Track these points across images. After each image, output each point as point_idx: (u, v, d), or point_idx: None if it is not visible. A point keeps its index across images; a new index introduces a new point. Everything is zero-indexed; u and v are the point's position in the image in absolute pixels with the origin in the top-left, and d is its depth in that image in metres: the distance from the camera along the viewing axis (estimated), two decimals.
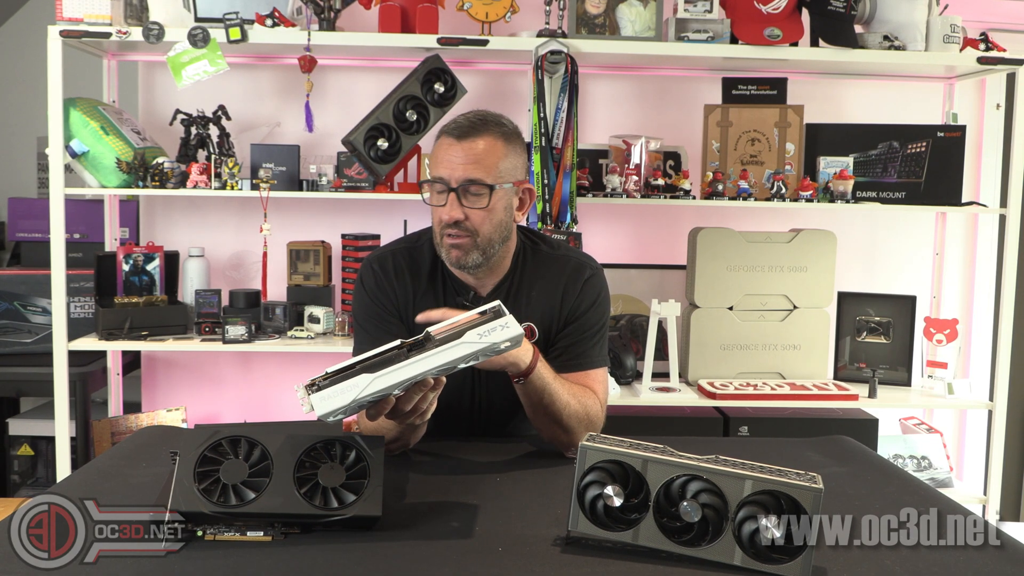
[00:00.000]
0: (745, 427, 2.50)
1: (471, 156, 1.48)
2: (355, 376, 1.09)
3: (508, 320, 1.15)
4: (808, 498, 0.99)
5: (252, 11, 2.38)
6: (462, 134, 1.50)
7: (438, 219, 1.52)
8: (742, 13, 2.48)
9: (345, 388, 1.08)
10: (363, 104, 2.53)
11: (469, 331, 1.13)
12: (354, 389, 1.08)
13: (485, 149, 1.49)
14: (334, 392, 1.08)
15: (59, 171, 2.37)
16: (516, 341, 1.15)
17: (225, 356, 2.84)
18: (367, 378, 1.09)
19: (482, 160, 1.49)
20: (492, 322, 1.14)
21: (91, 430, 2.58)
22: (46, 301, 2.60)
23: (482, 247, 1.51)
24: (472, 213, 1.48)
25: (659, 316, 2.46)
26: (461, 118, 1.53)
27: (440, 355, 1.11)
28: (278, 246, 2.66)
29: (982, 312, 3.01)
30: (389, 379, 1.09)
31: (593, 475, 1.05)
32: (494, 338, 1.12)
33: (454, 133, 1.50)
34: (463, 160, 1.48)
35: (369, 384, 1.08)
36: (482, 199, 1.49)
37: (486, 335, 1.12)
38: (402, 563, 1.01)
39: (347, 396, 1.08)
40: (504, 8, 2.41)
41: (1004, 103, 2.94)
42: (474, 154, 1.48)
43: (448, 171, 1.49)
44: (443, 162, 1.50)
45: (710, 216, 2.81)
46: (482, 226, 1.49)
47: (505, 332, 1.13)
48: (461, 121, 1.52)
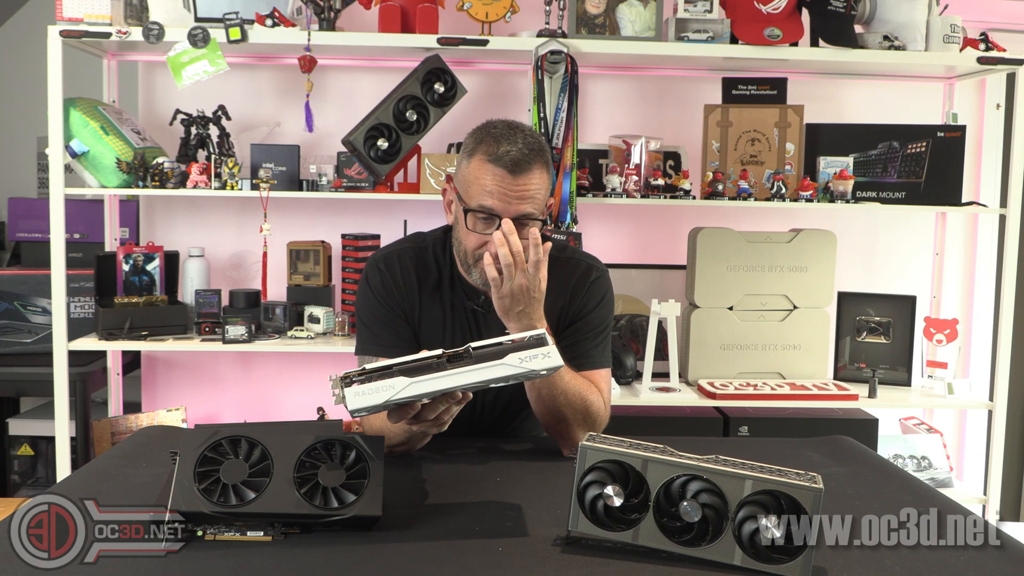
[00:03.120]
0: (745, 427, 2.50)
1: (527, 193, 1.45)
2: (393, 377, 1.10)
3: (551, 350, 1.14)
4: (808, 498, 0.99)
5: (252, 11, 2.38)
6: (515, 168, 1.44)
7: (477, 245, 1.48)
8: (742, 13, 2.48)
9: (381, 387, 1.09)
10: (363, 104, 2.53)
11: (511, 353, 1.13)
12: (389, 390, 1.09)
13: (538, 183, 1.47)
14: (369, 389, 1.09)
15: (59, 171, 2.37)
16: (553, 371, 1.15)
17: (225, 356, 2.84)
18: (404, 381, 1.09)
19: (536, 195, 1.47)
20: (535, 348, 1.13)
21: (91, 430, 2.58)
22: (46, 301, 2.60)
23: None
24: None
25: (659, 316, 2.46)
26: (511, 148, 1.45)
27: (479, 372, 1.11)
28: (278, 246, 2.66)
29: (982, 312, 3.01)
30: (425, 386, 1.10)
31: (593, 475, 1.05)
32: (534, 365, 1.12)
33: (508, 166, 1.44)
34: (518, 196, 1.45)
35: (405, 388, 1.09)
36: (530, 229, 1.45)
37: (527, 361, 1.12)
38: (402, 563, 1.02)
39: (381, 396, 1.09)
40: (504, 8, 2.41)
41: (1004, 103, 2.94)
42: (530, 190, 1.45)
43: (502, 205, 1.44)
44: (495, 194, 1.44)
45: (710, 216, 2.81)
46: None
47: (546, 361, 1.13)
48: (514, 154, 1.44)
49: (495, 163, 1.45)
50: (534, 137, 1.50)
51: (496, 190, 1.44)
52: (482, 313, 1.58)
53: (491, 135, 1.48)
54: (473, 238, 1.49)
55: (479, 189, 1.46)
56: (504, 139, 1.46)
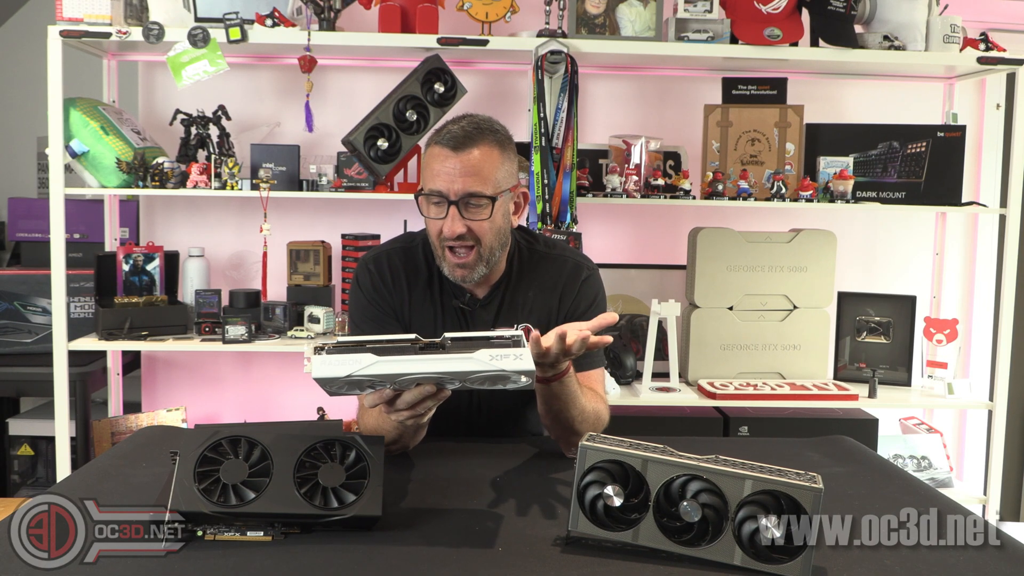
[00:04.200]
0: (745, 427, 2.50)
1: (469, 168, 1.45)
2: (360, 352, 1.08)
3: (524, 352, 1.10)
4: (808, 498, 0.99)
5: (252, 11, 2.38)
6: (457, 145, 1.45)
7: (437, 231, 1.49)
8: (742, 13, 2.48)
9: (346, 360, 1.07)
10: (363, 104, 2.53)
11: (483, 349, 1.10)
12: (354, 364, 1.07)
13: (482, 159, 1.46)
14: (335, 360, 1.07)
15: (59, 171, 2.37)
16: (530, 376, 1.11)
17: (225, 356, 2.84)
18: (370, 358, 1.08)
19: (481, 171, 1.45)
20: (509, 349, 1.10)
21: (91, 430, 2.58)
22: (46, 301, 2.60)
23: (485, 258, 1.51)
24: (474, 225, 1.47)
25: (659, 316, 2.46)
26: (453, 126, 1.48)
27: (446, 362, 1.09)
28: (278, 246, 2.66)
29: (982, 312, 3.01)
30: (391, 367, 1.08)
31: (593, 475, 1.05)
32: (504, 365, 1.08)
33: (449, 144, 1.45)
34: (461, 172, 1.44)
35: (370, 365, 1.07)
36: (483, 211, 1.47)
37: (497, 360, 1.09)
38: (402, 563, 1.01)
39: (345, 368, 1.07)
40: (504, 8, 2.41)
41: (1004, 103, 2.94)
42: (472, 165, 1.45)
43: (446, 184, 1.45)
44: (439, 175, 1.46)
45: (710, 216, 2.81)
46: (484, 237, 1.48)
47: (517, 363, 1.09)
48: (455, 131, 1.47)
49: (439, 143, 1.47)
50: (487, 123, 1.50)
51: (440, 170, 1.46)
52: (468, 311, 1.58)
53: (441, 124, 1.52)
54: (432, 225, 1.50)
55: (429, 173, 1.49)
56: (451, 123, 1.50)
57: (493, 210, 1.47)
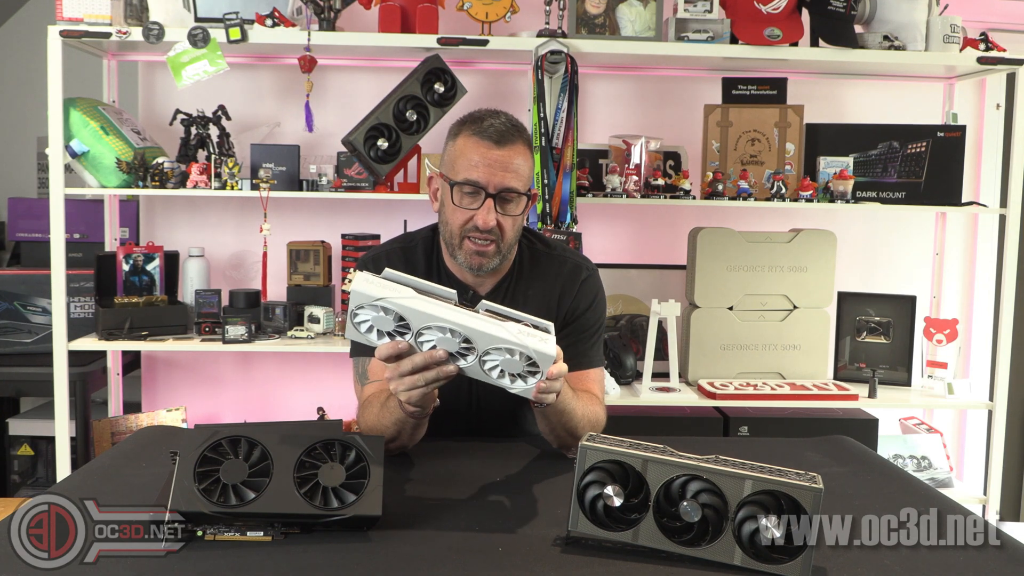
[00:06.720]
0: (745, 427, 2.50)
1: (510, 163, 1.47)
2: (401, 286, 1.14)
3: (550, 339, 1.16)
4: (808, 498, 0.99)
5: (252, 11, 2.38)
6: (501, 139, 1.47)
7: (463, 221, 1.49)
8: (742, 13, 2.48)
9: (387, 287, 1.13)
10: (363, 104, 2.53)
11: (514, 323, 1.15)
12: (393, 292, 1.12)
13: (521, 157, 1.49)
14: (377, 282, 1.13)
15: (59, 171, 2.37)
16: (545, 361, 1.15)
17: (225, 356, 2.84)
18: (408, 293, 1.13)
19: (520, 168, 1.49)
20: (539, 332, 1.16)
21: (91, 430, 2.58)
22: (46, 301, 2.60)
23: (503, 252, 1.52)
24: (504, 220, 1.49)
25: (659, 316, 2.46)
26: (495, 121, 1.50)
27: (477, 321, 1.13)
28: (278, 246, 2.66)
29: (982, 312, 3.01)
30: (424, 306, 1.13)
31: (593, 475, 1.05)
32: (528, 342, 1.13)
33: (492, 137, 1.47)
34: (502, 167, 1.47)
35: (407, 300, 1.12)
36: (517, 206, 1.50)
37: (524, 336, 1.14)
38: (402, 563, 1.01)
39: (383, 291, 1.12)
40: (504, 8, 2.41)
41: (1004, 103, 2.94)
42: (513, 161, 1.48)
43: (486, 176, 1.46)
44: (479, 166, 1.47)
45: (710, 216, 2.81)
46: (508, 232, 1.50)
47: (541, 344, 1.14)
48: (497, 125, 1.49)
49: (480, 135, 1.48)
50: (519, 122, 1.55)
51: (480, 162, 1.47)
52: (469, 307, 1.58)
53: (474, 116, 1.53)
54: (459, 214, 1.50)
55: (465, 163, 1.49)
56: (488, 116, 1.52)
57: (524, 207, 1.51)
